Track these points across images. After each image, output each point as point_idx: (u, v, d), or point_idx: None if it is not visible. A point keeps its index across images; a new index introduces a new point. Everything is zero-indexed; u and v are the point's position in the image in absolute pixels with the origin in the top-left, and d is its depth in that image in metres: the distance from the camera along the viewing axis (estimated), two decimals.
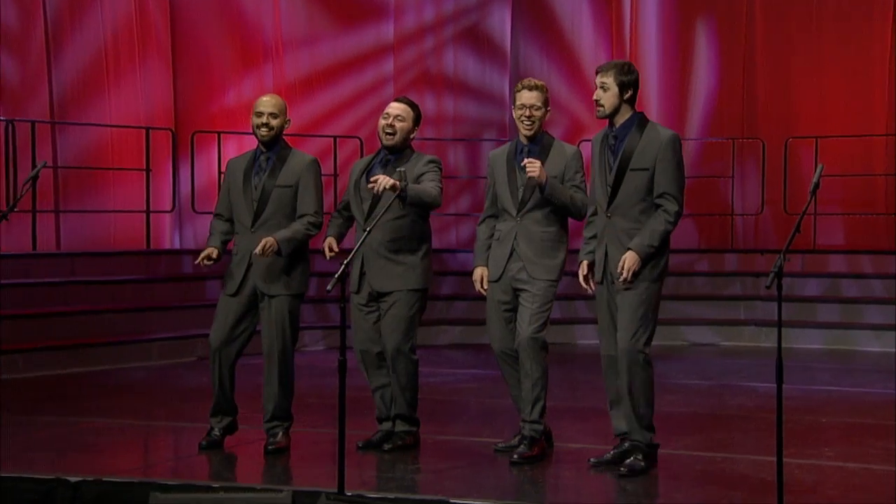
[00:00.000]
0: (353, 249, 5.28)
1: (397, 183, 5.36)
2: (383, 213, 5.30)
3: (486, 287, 5.65)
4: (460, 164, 12.70)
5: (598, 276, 5.33)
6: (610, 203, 5.24)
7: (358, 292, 5.73)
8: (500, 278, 5.61)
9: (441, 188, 5.62)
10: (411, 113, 5.70)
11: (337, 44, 12.24)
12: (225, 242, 5.83)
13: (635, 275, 5.17)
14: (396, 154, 5.68)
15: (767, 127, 12.24)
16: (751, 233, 12.37)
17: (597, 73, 5.31)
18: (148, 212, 10.69)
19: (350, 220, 5.84)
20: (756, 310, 11.06)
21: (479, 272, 5.68)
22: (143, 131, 10.77)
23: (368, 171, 5.70)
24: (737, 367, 9.40)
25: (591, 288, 5.40)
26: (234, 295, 5.73)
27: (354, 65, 12.30)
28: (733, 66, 12.41)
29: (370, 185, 5.43)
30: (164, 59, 11.24)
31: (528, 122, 5.54)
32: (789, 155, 11.87)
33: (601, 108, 5.26)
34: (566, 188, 5.50)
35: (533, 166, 5.39)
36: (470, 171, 12.65)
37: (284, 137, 5.78)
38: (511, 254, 5.57)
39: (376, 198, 5.60)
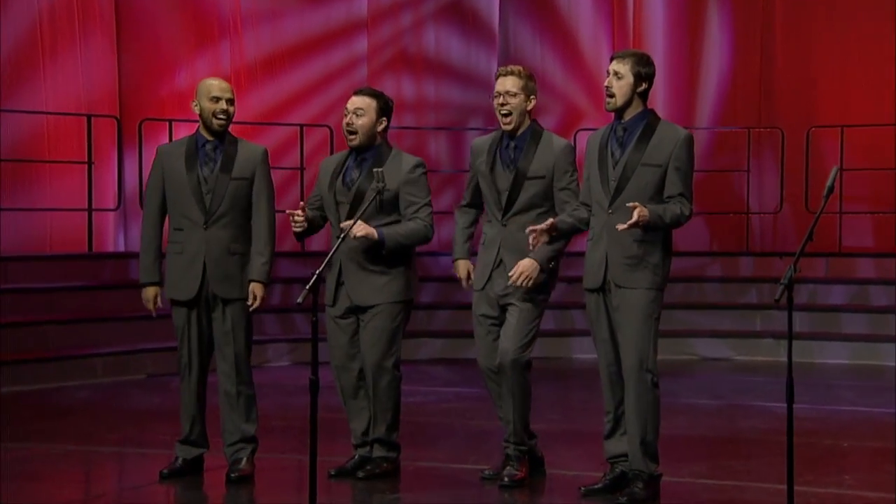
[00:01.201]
0: (326, 256, 5.44)
1: (371, 232, 5.56)
2: (340, 244, 5.43)
3: (472, 282, 5.83)
4: (442, 155, 12.83)
5: (593, 282, 5.46)
6: (613, 200, 5.39)
7: (333, 305, 5.88)
8: (483, 288, 5.79)
9: (430, 213, 5.77)
10: (373, 104, 5.82)
11: (303, 19, 12.34)
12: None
13: (637, 275, 5.32)
14: (370, 153, 5.83)
15: (787, 115, 12.42)
16: (768, 233, 12.56)
17: (612, 59, 5.48)
18: (90, 210, 10.76)
19: (324, 217, 5.97)
20: (774, 320, 11.22)
21: (464, 266, 5.87)
22: (84, 119, 10.83)
23: (343, 174, 5.85)
24: (751, 384, 9.57)
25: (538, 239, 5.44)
26: (192, 302, 5.86)
27: (323, 43, 12.39)
28: (749, 46, 12.58)
29: (342, 226, 5.62)
30: (108, 35, 11.30)
31: (505, 112, 5.69)
32: (811, 146, 12.05)
33: (611, 100, 5.40)
34: (567, 217, 5.56)
35: (519, 278, 5.53)
36: (453, 163, 12.78)
37: (234, 127, 5.97)
38: (497, 264, 5.74)
39: (356, 202, 5.72)
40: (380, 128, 5.84)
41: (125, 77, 11.40)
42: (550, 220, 5.44)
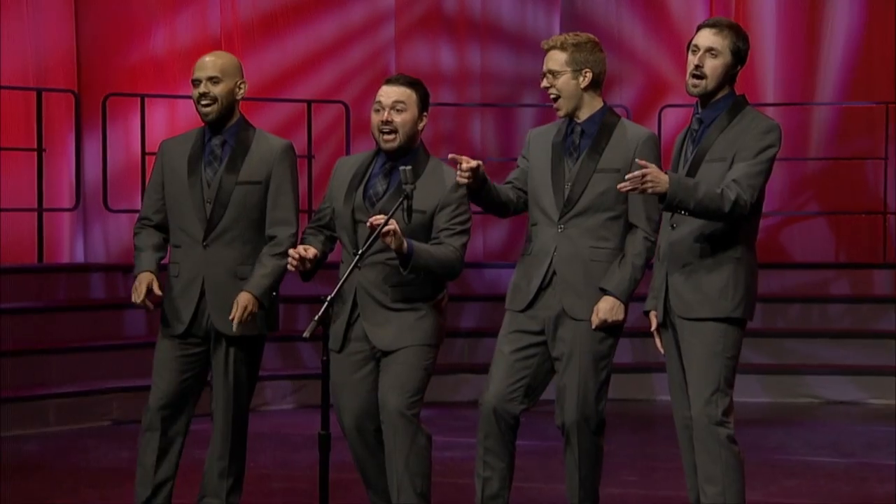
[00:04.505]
0: (340, 269, 5.48)
1: (401, 244, 5.44)
2: (370, 245, 5.41)
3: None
4: (489, 138, 12.86)
5: (659, 315, 5.53)
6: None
7: (341, 350, 5.76)
8: (525, 310, 5.77)
9: (465, 245, 5.67)
10: (414, 96, 5.75)
11: None
12: (161, 260, 6.01)
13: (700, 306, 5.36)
14: (404, 159, 5.71)
15: None
16: None
17: (701, 28, 5.47)
18: (40, 210, 10.85)
19: (333, 240, 5.91)
20: None
21: None
22: (33, 94, 10.92)
23: (366, 185, 5.76)
24: (890, 437, 9.51)
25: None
26: (183, 336, 5.92)
27: None
28: (887, 1, 12.51)
29: (369, 223, 5.49)
30: None
31: (553, 97, 5.73)
32: None
33: (700, 83, 5.41)
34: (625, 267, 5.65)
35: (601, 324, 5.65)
36: (502, 148, 12.79)
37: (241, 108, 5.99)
38: (549, 280, 5.72)
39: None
40: (420, 125, 5.80)
41: (85, 41, 11.48)
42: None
